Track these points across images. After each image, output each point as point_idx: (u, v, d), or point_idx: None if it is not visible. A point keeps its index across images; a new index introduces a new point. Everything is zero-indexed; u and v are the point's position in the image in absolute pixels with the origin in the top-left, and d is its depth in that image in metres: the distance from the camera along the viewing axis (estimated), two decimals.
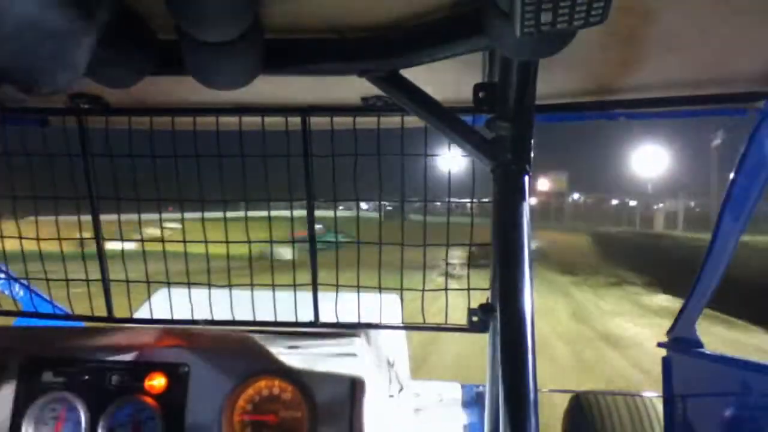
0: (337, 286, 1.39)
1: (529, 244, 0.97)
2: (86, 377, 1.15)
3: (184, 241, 1.44)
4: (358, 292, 1.39)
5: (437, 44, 0.91)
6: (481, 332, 1.23)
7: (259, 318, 1.42)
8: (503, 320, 0.93)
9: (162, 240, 1.42)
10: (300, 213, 1.45)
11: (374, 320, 1.44)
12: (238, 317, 1.43)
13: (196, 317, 1.43)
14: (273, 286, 1.42)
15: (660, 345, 2.38)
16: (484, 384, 1.44)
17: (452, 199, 1.32)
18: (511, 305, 0.93)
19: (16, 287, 1.69)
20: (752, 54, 1.03)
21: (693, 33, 0.92)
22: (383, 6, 0.85)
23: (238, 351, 1.18)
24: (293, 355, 1.26)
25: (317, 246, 1.41)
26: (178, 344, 1.17)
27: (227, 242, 1.48)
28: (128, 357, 1.17)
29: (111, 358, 1.17)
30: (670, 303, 12.31)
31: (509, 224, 0.98)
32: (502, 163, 1.01)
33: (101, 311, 1.44)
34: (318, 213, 1.40)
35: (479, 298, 1.25)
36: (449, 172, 1.32)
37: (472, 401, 2.17)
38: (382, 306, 1.44)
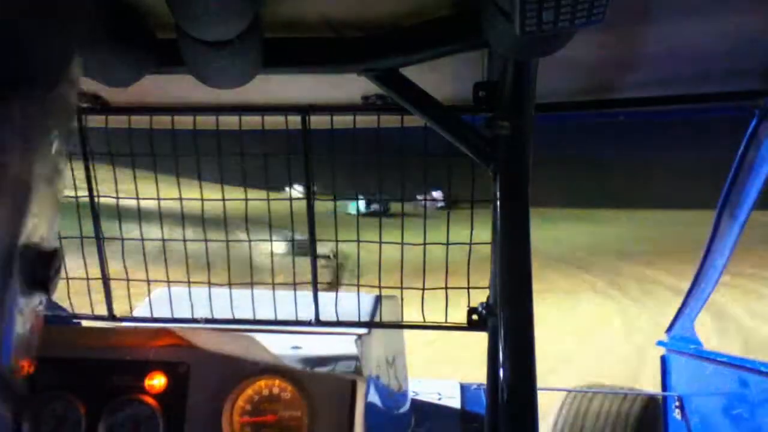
0: (337, 286, 1.39)
1: (528, 243, 0.97)
2: (86, 376, 1.15)
3: (184, 240, 1.44)
4: (358, 291, 1.39)
5: (437, 43, 0.91)
6: (481, 331, 1.23)
7: (259, 317, 1.42)
8: (503, 319, 0.93)
9: (162, 239, 1.42)
10: None
11: (374, 319, 1.44)
12: (238, 316, 1.43)
13: (196, 316, 1.43)
14: (273, 286, 1.42)
15: (659, 344, 2.39)
16: (483, 383, 1.44)
17: (452, 200, 1.32)
18: (511, 304, 0.93)
19: None
20: (751, 53, 1.04)
21: (692, 32, 0.93)
22: (383, 4, 0.85)
23: (238, 350, 1.18)
24: (293, 355, 1.26)
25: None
26: (178, 343, 1.17)
27: (227, 241, 1.48)
28: (128, 356, 1.17)
29: (111, 357, 1.16)
30: None
31: (509, 223, 0.98)
32: (502, 162, 1.01)
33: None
34: None
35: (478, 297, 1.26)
36: (449, 172, 1.32)
37: (471, 400, 2.17)
38: (382, 305, 1.45)
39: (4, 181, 0.56)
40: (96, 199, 1.40)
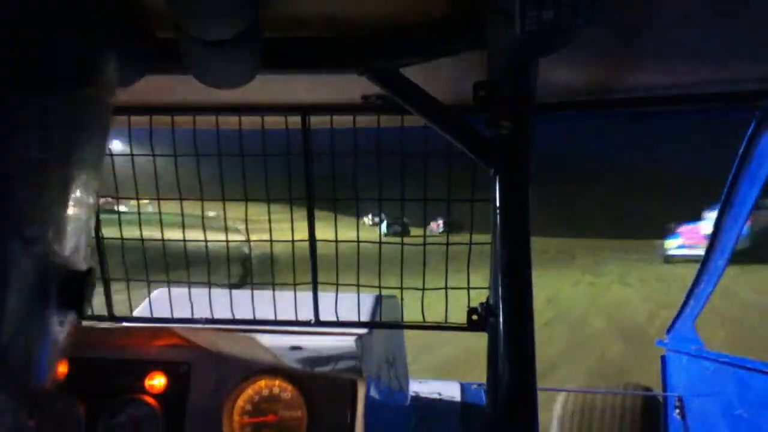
0: (337, 285, 1.40)
1: (529, 243, 0.97)
2: (86, 376, 1.15)
3: (184, 240, 1.44)
4: (358, 291, 1.39)
5: (437, 43, 0.91)
6: (481, 331, 1.23)
7: (259, 317, 1.42)
8: (503, 319, 0.93)
9: (162, 239, 1.42)
10: None
11: (374, 319, 1.44)
12: (238, 317, 1.43)
13: (196, 316, 1.43)
14: (273, 285, 1.42)
15: (659, 344, 2.39)
16: (483, 383, 1.43)
17: (452, 198, 1.32)
18: (512, 304, 0.93)
19: None
20: (752, 53, 1.04)
21: (693, 32, 0.93)
22: (383, 4, 0.85)
23: (238, 350, 1.18)
24: (293, 355, 1.26)
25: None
26: (179, 343, 1.17)
27: (227, 241, 1.48)
28: (128, 356, 1.17)
29: (111, 357, 1.16)
30: None
31: (509, 224, 0.98)
32: (502, 162, 1.01)
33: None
34: None
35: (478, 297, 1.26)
36: (449, 171, 1.32)
37: (472, 400, 2.17)
38: (382, 305, 1.44)
39: (41, 198, 0.56)
40: (96, 199, 1.39)
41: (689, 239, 16.96)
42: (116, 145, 1.40)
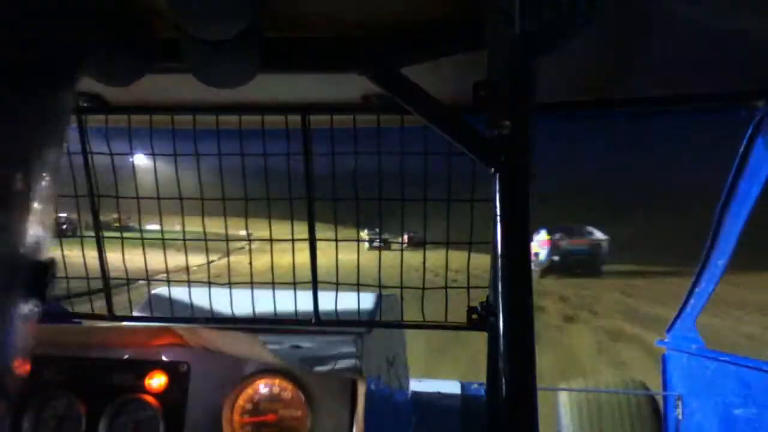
0: (337, 285, 1.40)
1: (528, 243, 0.97)
2: (86, 376, 1.15)
3: (184, 240, 1.44)
4: (358, 290, 1.39)
5: (437, 43, 0.91)
6: (480, 330, 1.23)
7: (259, 316, 1.42)
8: (503, 319, 0.93)
9: (162, 239, 1.42)
10: None
11: (374, 319, 1.44)
12: (238, 316, 1.43)
13: (196, 315, 1.43)
14: (273, 285, 1.42)
15: (659, 343, 2.39)
16: (483, 382, 1.44)
17: (452, 198, 1.32)
18: (511, 304, 0.93)
19: None
20: (751, 53, 1.04)
21: (693, 32, 0.93)
22: (383, 4, 0.85)
23: (238, 350, 1.18)
24: (293, 354, 1.26)
25: None
26: (179, 343, 1.17)
27: (227, 240, 1.48)
28: (128, 355, 1.17)
29: (111, 357, 1.16)
30: None
31: (509, 223, 0.98)
32: (502, 162, 1.01)
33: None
34: None
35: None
36: (449, 172, 1.32)
37: (472, 399, 2.17)
38: (382, 304, 1.44)
39: (6, 191, 0.57)
40: (96, 199, 1.40)
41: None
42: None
